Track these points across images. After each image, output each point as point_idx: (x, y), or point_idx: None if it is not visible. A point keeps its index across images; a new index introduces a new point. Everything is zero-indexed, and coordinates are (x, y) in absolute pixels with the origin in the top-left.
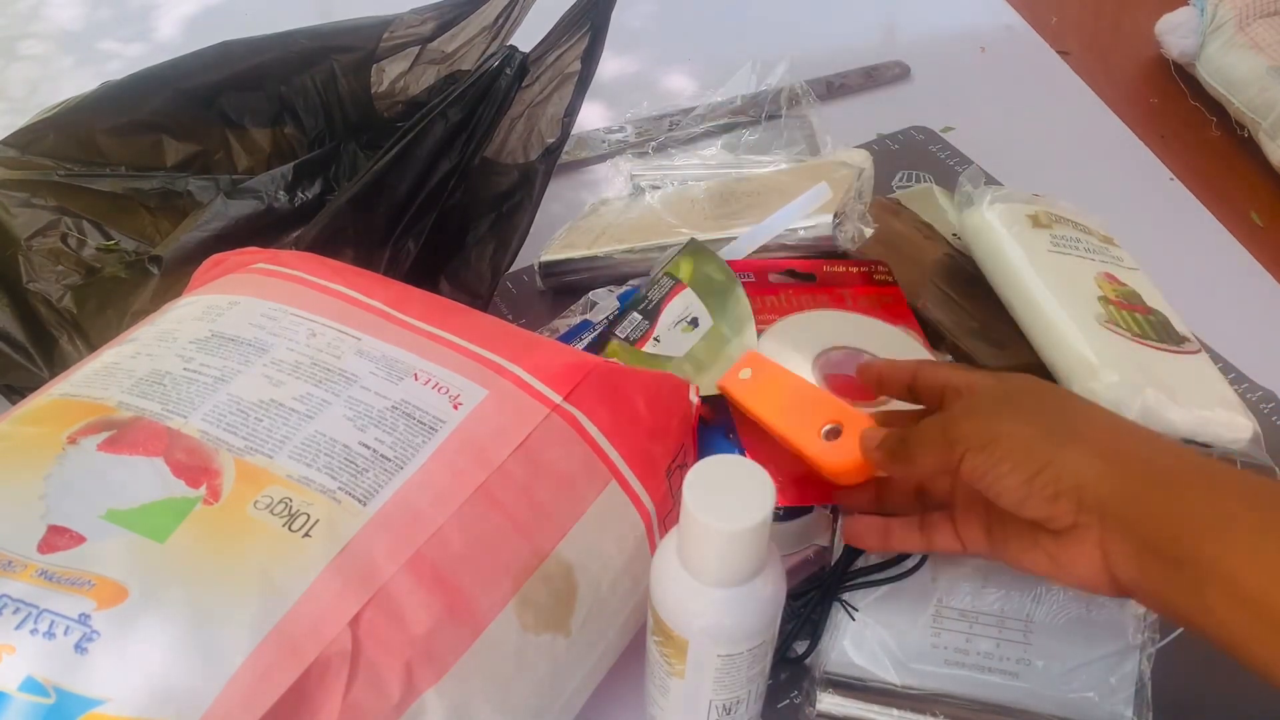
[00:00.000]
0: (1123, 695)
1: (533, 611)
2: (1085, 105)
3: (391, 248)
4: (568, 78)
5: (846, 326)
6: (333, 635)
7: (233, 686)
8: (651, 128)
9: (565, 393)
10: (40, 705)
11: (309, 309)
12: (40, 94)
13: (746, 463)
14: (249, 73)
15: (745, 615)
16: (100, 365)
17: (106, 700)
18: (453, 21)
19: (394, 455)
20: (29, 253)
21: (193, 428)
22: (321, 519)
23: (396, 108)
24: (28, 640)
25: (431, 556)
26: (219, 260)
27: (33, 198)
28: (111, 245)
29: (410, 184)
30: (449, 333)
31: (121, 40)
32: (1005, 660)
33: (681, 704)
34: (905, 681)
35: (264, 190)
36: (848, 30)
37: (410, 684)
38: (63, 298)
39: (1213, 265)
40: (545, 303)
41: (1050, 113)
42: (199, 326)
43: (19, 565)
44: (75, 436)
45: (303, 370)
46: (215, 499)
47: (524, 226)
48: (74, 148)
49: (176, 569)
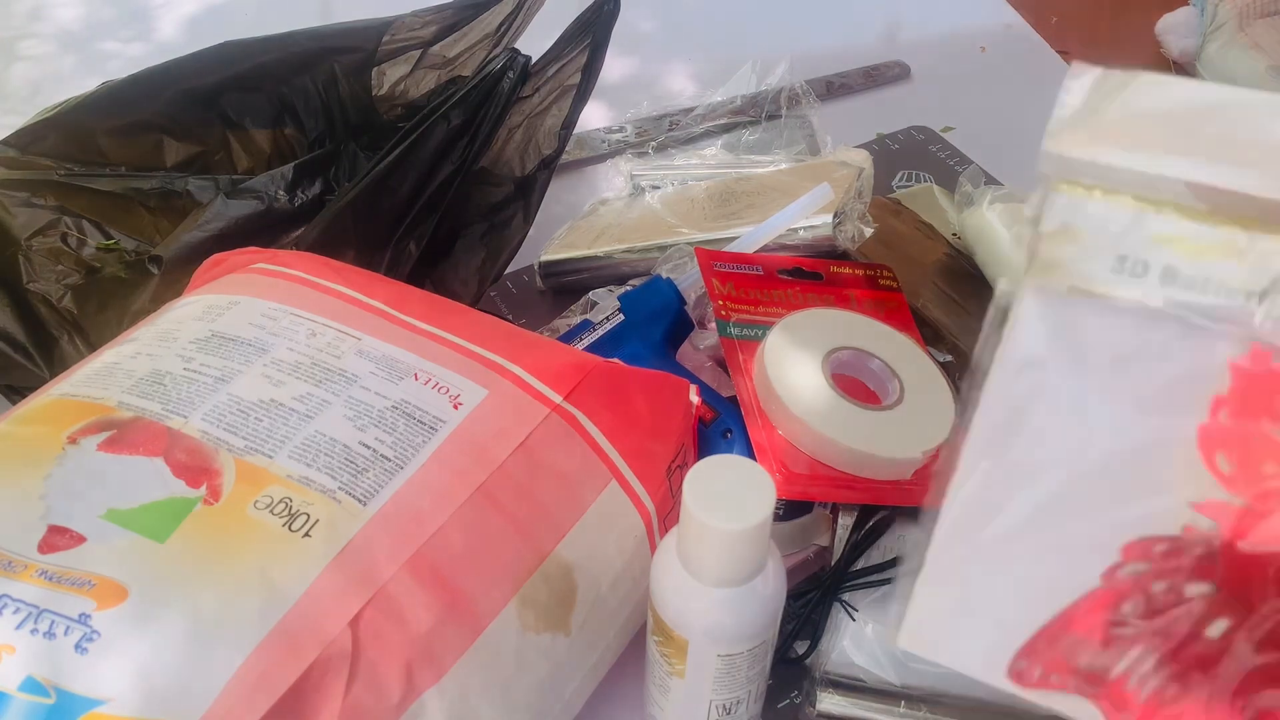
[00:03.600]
0: None
1: (533, 611)
2: None
3: (392, 249)
4: (567, 90)
5: (855, 327)
6: (333, 635)
7: (233, 687)
8: (651, 128)
9: (565, 392)
10: (40, 705)
11: (309, 309)
12: (41, 94)
13: (746, 463)
14: (249, 73)
15: (745, 615)
16: (100, 365)
17: (106, 700)
18: (454, 26)
19: (394, 455)
20: (29, 253)
21: (193, 428)
22: (321, 519)
23: (397, 110)
24: (28, 640)
25: (431, 556)
26: (219, 260)
27: (33, 198)
28: (111, 245)
29: (411, 186)
30: (449, 332)
31: (122, 40)
32: None
33: (681, 704)
34: (905, 681)
35: (264, 190)
36: (848, 30)
37: (410, 684)
38: (63, 298)
39: None
40: (545, 303)
41: (1050, 113)
42: (199, 326)
43: (19, 565)
44: (75, 436)
45: (303, 370)
46: (215, 499)
47: (516, 241)
48: (74, 148)
49: (176, 569)
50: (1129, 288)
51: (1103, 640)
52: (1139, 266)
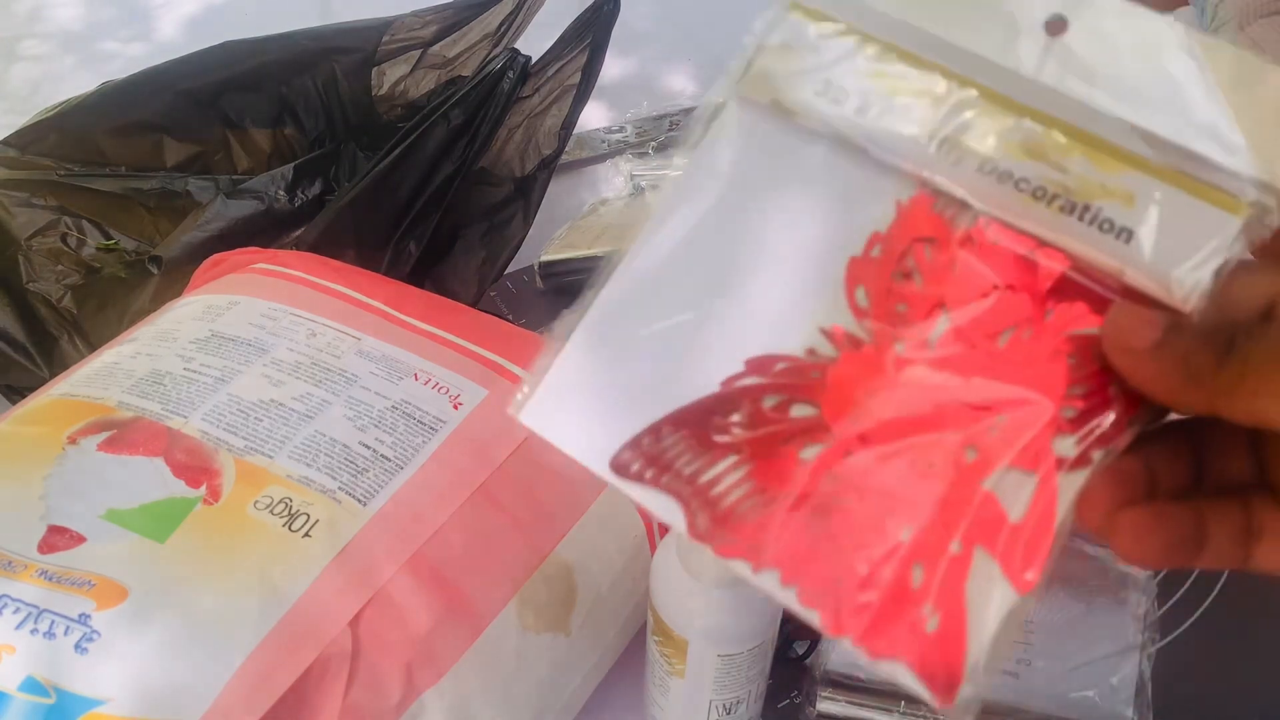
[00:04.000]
0: (1123, 695)
1: (533, 611)
2: None
3: (392, 249)
4: (567, 90)
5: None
6: (333, 635)
7: (233, 687)
8: (651, 128)
9: None
10: (40, 705)
11: (309, 309)
12: (41, 94)
13: None
14: (250, 73)
15: (745, 615)
16: (100, 365)
17: (106, 700)
18: (454, 26)
19: (394, 455)
20: (29, 253)
21: (193, 428)
22: (321, 519)
23: (397, 110)
24: (28, 640)
25: (432, 556)
26: (219, 260)
27: (33, 198)
28: (111, 245)
29: (412, 186)
30: (449, 332)
31: (122, 40)
32: (1005, 660)
33: (681, 704)
34: None
35: (264, 190)
36: None
37: (410, 684)
38: (63, 298)
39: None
40: (545, 303)
41: None
42: (199, 326)
43: (19, 565)
44: (75, 436)
45: (303, 370)
46: (215, 499)
47: (515, 241)
48: (74, 148)
49: (176, 569)
50: (825, 111)
51: (702, 444)
52: (840, 93)
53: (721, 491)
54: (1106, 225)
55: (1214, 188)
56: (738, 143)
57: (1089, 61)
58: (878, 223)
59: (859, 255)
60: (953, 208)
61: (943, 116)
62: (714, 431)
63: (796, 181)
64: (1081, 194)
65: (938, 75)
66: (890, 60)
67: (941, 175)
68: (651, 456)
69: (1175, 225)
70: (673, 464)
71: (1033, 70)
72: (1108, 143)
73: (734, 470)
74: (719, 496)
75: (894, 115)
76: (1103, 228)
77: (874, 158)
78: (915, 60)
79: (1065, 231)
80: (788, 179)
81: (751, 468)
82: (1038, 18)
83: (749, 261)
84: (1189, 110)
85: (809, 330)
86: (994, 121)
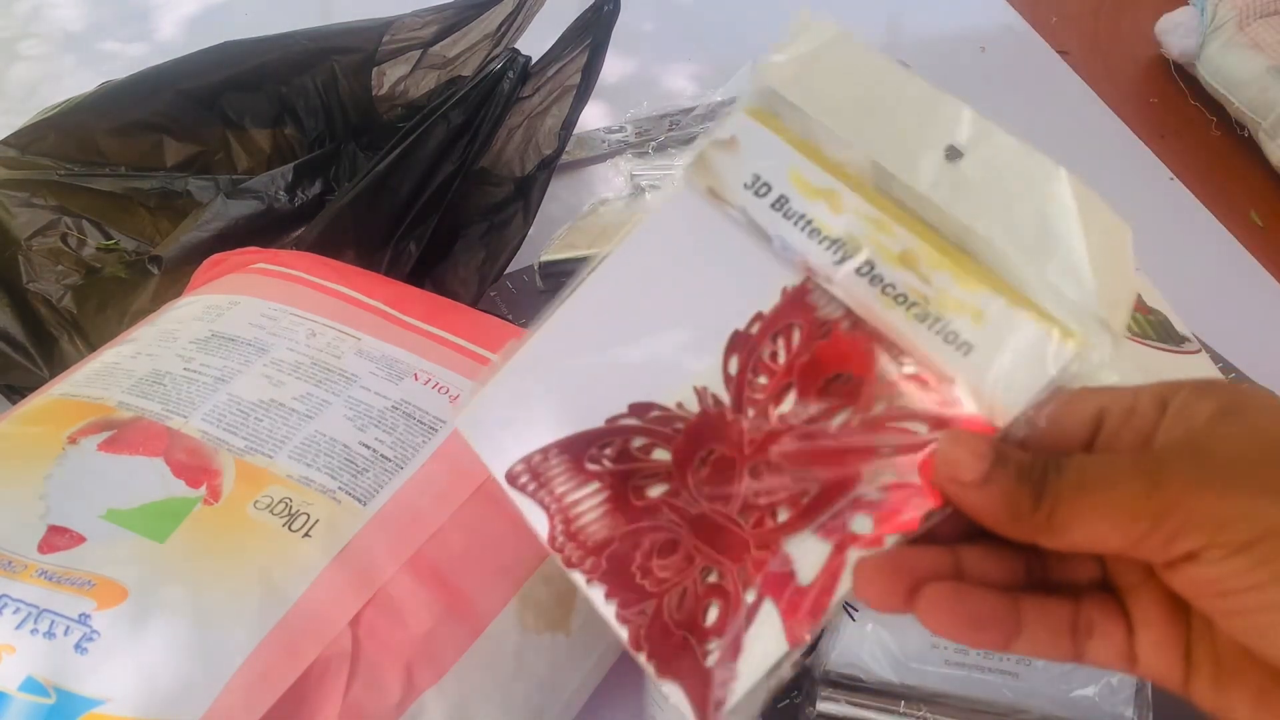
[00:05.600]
0: (1123, 695)
1: (533, 611)
2: (1085, 105)
3: (392, 249)
4: (567, 90)
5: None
6: (333, 635)
7: (233, 687)
8: (651, 128)
9: None
10: (40, 705)
11: (309, 309)
12: (40, 94)
13: None
14: (250, 73)
15: None
16: (100, 365)
17: (106, 700)
18: (454, 27)
19: (394, 455)
20: (29, 253)
21: (193, 428)
22: (321, 519)
23: (397, 110)
24: (28, 640)
25: (432, 556)
26: (219, 260)
27: (33, 198)
28: (111, 245)
29: (412, 186)
30: (449, 332)
31: (122, 40)
32: (1005, 660)
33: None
34: (905, 681)
35: (264, 190)
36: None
37: (410, 684)
38: (63, 298)
39: (1212, 265)
40: (545, 303)
41: (1050, 112)
42: (199, 326)
43: (19, 565)
44: (75, 436)
45: (303, 370)
46: (215, 499)
47: (516, 241)
48: (74, 148)
49: (176, 569)
50: (747, 202)
51: (577, 469)
52: (764, 187)
53: (579, 512)
54: (951, 336)
55: (1056, 319)
56: (675, 217)
57: (977, 189)
58: (764, 304)
59: (741, 329)
60: (825, 300)
61: (841, 220)
62: (588, 460)
63: (711, 258)
64: (937, 305)
65: (845, 183)
66: (812, 164)
67: (824, 271)
68: (537, 473)
69: (1013, 346)
70: (550, 482)
71: (927, 188)
72: (974, 263)
73: (594, 496)
74: (576, 516)
75: (803, 215)
76: (947, 339)
77: (777, 247)
78: (832, 167)
79: (914, 336)
80: (705, 254)
81: (607, 495)
82: (942, 141)
83: (656, 319)
84: (1054, 247)
85: (684, 386)
86: (880, 231)
